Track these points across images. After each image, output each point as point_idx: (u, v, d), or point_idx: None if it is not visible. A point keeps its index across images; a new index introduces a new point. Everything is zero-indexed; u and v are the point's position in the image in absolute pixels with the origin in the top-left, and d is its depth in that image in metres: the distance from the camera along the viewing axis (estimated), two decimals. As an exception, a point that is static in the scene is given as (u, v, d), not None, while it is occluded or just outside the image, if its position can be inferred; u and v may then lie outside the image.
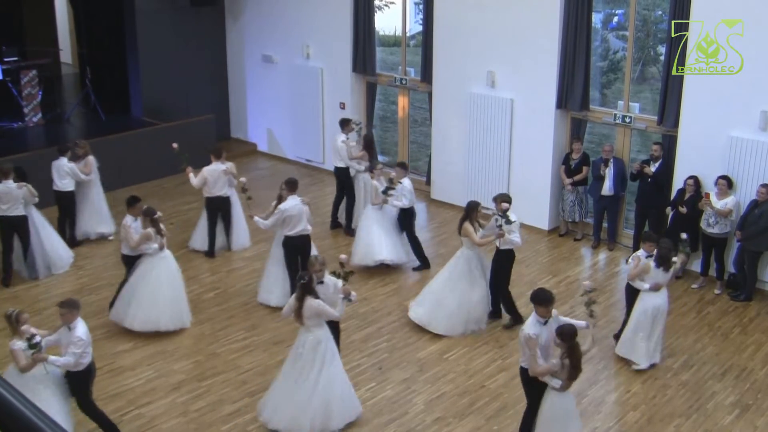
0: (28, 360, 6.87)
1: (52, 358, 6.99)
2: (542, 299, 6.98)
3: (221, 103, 16.51)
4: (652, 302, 8.52)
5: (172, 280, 9.33)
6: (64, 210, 11.54)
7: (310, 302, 7.31)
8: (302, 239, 9.66)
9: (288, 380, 7.45)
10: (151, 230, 9.16)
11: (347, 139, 11.99)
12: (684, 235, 9.02)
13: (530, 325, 6.96)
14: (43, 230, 10.70)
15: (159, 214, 9.50)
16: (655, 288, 8.50)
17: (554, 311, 7.11)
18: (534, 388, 7.07)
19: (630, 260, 8.95)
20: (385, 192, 10.65)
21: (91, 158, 11.51)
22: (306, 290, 7.34)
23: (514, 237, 9.16)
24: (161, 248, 9.28)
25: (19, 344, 6.89)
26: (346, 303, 7.63)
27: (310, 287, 7.38)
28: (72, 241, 11.51)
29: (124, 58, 15.47)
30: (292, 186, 9.68)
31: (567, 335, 6.70)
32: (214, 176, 11.04)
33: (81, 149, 11.49)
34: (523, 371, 7.11)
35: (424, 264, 11.12)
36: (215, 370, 8.60)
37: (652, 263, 8.49)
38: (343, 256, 7.93)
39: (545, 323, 6.98)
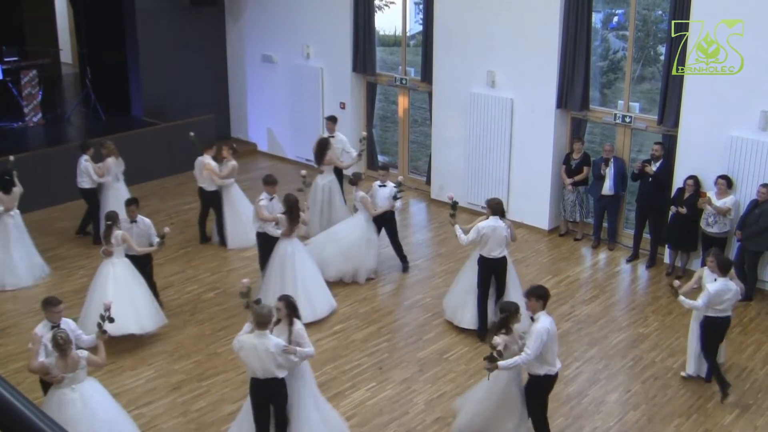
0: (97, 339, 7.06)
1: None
2: (525, 292, 7.10)
3: (221, 103, 16.51)
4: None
5: (113, 285, 9.02)
6: (88, 206, 11.70)
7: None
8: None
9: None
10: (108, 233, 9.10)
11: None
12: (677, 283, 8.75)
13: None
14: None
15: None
16: None
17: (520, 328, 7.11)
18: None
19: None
20: (395, 197, 10.43)
21: (109, 161, 11.44)
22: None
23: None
24: (105, 255, 9.11)
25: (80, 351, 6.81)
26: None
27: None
28: (95, 239, 11.63)
29: (124, 58, 15.48)
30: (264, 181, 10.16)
31: (503, 308, 7.05)
32: (198, 168, 11.47)
33: (104, 150, 11.50)
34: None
35: (406, 263, 11.06)
36: (216, 370, 8.61)
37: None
38: (245, 281, 7.29)
39: (532, 318, 6.94)
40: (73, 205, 12.89)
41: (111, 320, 7.13)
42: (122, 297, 8.83)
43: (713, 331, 8.10)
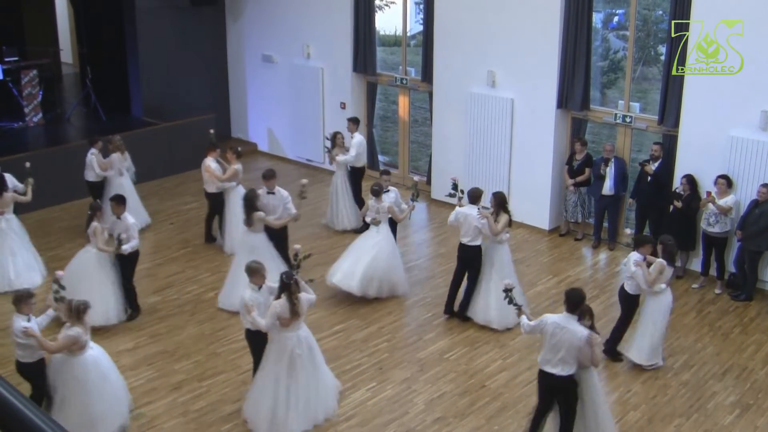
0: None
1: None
2: (584, 297, 7.01)
3: (221, 103, 16.50)
4: (665, 300, 8.52)
5: (76, 268, 9.36)
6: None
7: (304, 296, 7.39)
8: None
9: (293, 386, 7.37)
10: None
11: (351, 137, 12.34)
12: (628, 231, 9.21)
13: (580, 326, 6.79)
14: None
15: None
16: (668, 284, 8.51)
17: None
18: (575, 391, 7.01)
19: (633, 267, 8.40)
20: (414, 198, 10.47)
21: (114, 156, 11.52)
22: (298, 285, 7.31)
23: None
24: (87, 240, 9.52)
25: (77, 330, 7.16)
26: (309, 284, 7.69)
27: (299, 284, 7.33)
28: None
29: (124, 58, 15.48)
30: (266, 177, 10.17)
31: (592, 314, 6.90)
32: (202, 170, 11.48)
33: (110, 145, 11.62)
34: (569, 379, 6.89)
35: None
36: (215, 370, 8.61)
37: (664, 262, 8.35)
38: (296, 246, 7.89)
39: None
40: (73, 205, 12.91)
41: (63, 288, 7.46)
42: (86, 285, 9.07)
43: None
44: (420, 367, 8.70)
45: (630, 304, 8.66)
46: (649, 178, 10.84)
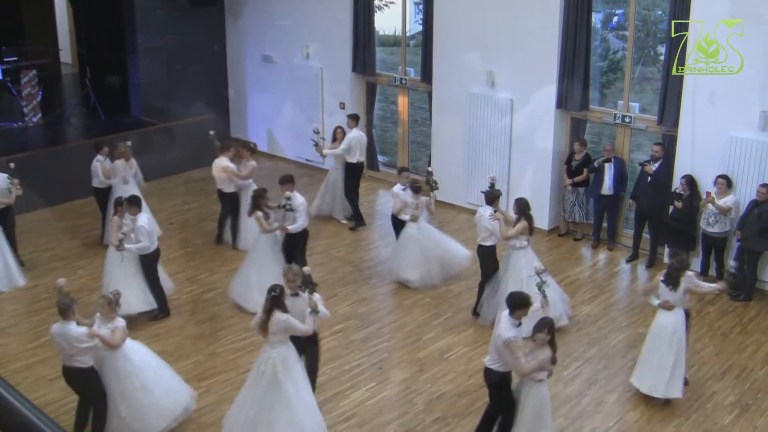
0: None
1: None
2: (523, 303, 6.90)
3: (221, 103, 16.50)
4: (662, 321, 7.90)
5: (108, 267, 9.49)
6: (99, 207, 11.68)
7: (278, 316, 7.00)
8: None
9: (248, 401, 7.22)
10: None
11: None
12: (732, 263, 8.64)
13: (507, 329, 6.75)
14: None
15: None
16: (665, 306, 7.89)
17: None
18: (503, 390, 7.05)
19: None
20: (433, 188, 10.72)
21: (117, 163, 11.31)
22: (275, 303, 7.04)
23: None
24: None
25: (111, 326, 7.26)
26: (314, 317, 7.18)
27: (280, 300, 7.08)
28: (102, 239, 11.62)
29: (124, 58, 15.48)
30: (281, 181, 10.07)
31: (552, 327, 6.81)
32: (216, 171, 11.39)
33: (115, 151, 11.41)
34: (494, 374, 6.96)
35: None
36: (215, 370, 8.61)
37: (660, 279, 7.97)
38: (306, 268, 7.58)
39: (519, 325, 6.86)
40: (73, 205, 12.92)
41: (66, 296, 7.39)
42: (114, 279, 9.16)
43: None
44: (420, 367, 8.71)
45: None
46: (649, 178, 10.84)
